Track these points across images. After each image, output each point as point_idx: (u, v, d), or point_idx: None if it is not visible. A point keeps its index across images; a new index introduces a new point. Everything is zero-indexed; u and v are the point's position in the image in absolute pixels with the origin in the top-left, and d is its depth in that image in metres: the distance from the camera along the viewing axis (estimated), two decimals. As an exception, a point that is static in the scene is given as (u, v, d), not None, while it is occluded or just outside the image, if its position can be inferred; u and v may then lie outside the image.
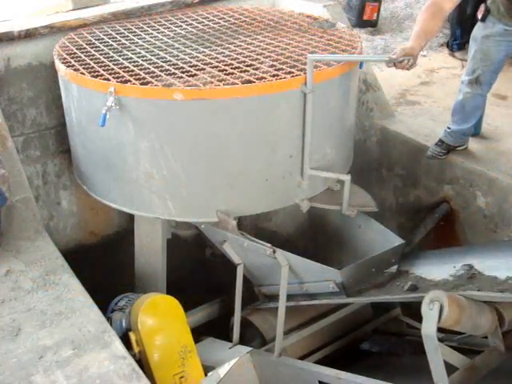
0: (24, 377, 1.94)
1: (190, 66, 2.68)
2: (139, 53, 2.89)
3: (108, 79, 2.53)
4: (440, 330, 2.01)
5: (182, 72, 2.61)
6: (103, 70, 2.64)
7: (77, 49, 2.96)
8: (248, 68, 2.62)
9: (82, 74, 2.62)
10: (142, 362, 2.42)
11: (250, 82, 2.48)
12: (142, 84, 2.48)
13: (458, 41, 5.28)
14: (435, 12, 2.71)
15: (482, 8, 3.06)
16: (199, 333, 3.11)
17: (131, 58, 2.81)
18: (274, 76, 2.52)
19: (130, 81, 2.53)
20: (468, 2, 5.01)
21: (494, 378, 2.23)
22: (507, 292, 2.16)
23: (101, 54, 2.86)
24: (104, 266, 3.49)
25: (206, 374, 2.60)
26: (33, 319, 2.19)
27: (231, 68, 2.64)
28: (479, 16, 3.08)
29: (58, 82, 2.94)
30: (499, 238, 3.20)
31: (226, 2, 3.75)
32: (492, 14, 2.98)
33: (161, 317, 2.53)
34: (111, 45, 3.01)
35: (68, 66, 2.71)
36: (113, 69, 2.67)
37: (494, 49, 3.04)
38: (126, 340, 2.40)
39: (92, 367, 1.98)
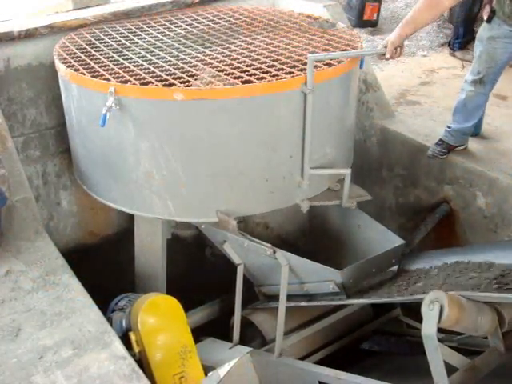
0: (24, 377, 1.95)
1: (190, 66, 2.68)
2: (139, 53, 2.89)
3: (108, 79, 2.53)
4: (440, 330, 2.00)
5: (182, 72, 2.61)
6: (103, 70, 2.64)
7: (77, 49, 2.96)
8: (248, 68, 2.62)
9: (82, 74, 2.61)
10: (142, 362, 2.42)
11: (250, 82, 2.48)
12: (142, 84, 2.48)
13: (460, 39, 5.26)
14: (432, 5, 2.72)
15: (487, 9, 3.03)
16: (199, 333, 3.11)
17: (131, 58, 2.81)
18: (274, 76, 2.52)
19: (130, 81, 2.53)
20: (476, 1, 5.01)
21: (494, 378, 2.23)
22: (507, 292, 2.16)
23: (101, 54, 2.86)
24: (104, 265, 3.49)
25: (206, 374, 2.60)
26: (33, 319, 2.19)
27: (231, 68, 2.63)
28: (485, 17, 3.05)
29: (58, 82, 2.94)
30: (499, 238, 3.20)
31: (226, 2, 3.74)
32: (497, 15, 2.96)
33: (161, 317, 2.53)
34: (111, 45, 3.01)
35: (68, 66, 2.71)
36: (113, 69, 2.67)
37: (500, 50, 3.02)
38: (126, 340, 2.40)
39: (92, 367, 1.98)
